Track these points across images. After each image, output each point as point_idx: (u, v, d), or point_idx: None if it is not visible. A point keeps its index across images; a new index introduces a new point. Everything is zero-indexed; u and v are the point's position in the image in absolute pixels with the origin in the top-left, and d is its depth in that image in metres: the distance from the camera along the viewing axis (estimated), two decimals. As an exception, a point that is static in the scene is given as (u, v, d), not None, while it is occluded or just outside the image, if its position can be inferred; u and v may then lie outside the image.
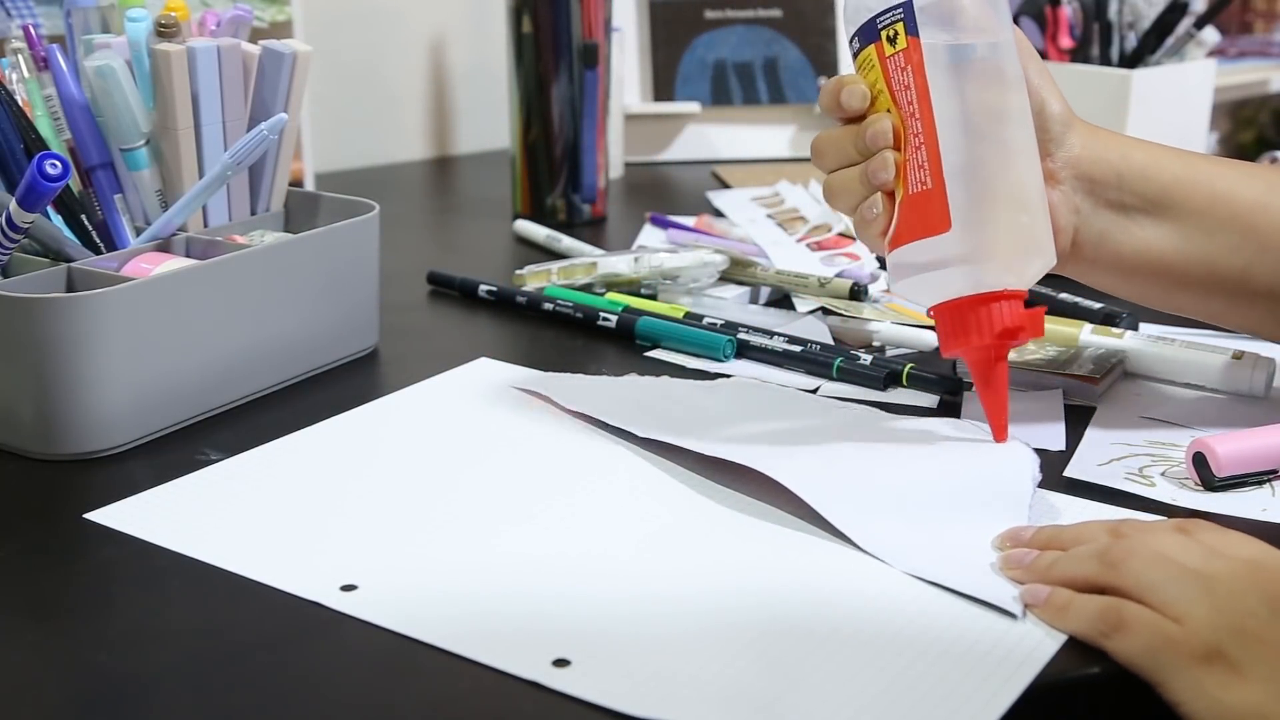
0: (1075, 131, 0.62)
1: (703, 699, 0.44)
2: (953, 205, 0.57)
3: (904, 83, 0.59)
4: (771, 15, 1.28)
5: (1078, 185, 0.62)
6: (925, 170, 0.58)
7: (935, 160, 0.58)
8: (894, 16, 0.59)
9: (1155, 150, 0.63)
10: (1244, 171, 0.63)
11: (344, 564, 0.53)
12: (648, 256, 0.84)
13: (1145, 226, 0.62)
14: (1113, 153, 0.62)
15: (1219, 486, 0.59)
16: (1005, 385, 0.59)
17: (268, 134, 0.68)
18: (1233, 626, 0.44)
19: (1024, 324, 0.58)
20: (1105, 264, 0.63)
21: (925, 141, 0.58)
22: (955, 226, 0.57)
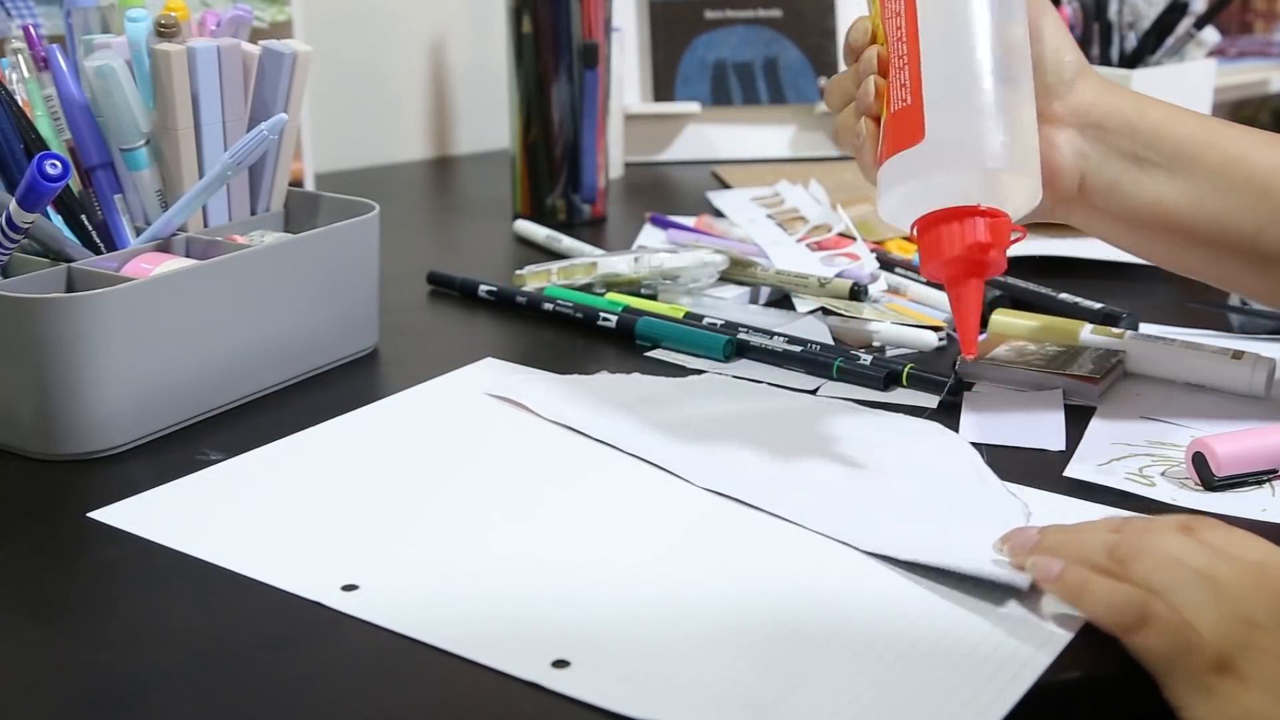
0: (1088, 80, 0.63)
1: (702, 701, 0.44)
2: (927, 116, 0.58)
3: (894, 9, 0.61)
4: (771, 15, 1.28)
5: (1087, 132, 0.63)
6: (906, 89, 0.59)
7: (915, 77, 0.59)
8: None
9: (1171, 108, 0.63)
10: (1262, 137, 0.63)
11: (345, 564, 0.53)
12: (648, 256, 0.84)
13: (1158, 180, 0.62)
14: (1127, 105, 0.63)
15: (1218, 486, 0.59)
16: (977, 303, 0.58)
17: (268, 134, 0.68)
18: (1239, 636, 0.44)
19: (992, 243, 0.57)
20: (1114, 214, 0.63)
21: (908, 61, 0.59)
22: (928, 135, 0.58)
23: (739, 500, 0.58)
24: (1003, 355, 0.73)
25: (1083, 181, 0.63)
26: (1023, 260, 0.92)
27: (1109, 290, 0.85)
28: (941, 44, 0.59)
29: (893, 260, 0.88)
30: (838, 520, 0.56)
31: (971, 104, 0.58)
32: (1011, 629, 0.48)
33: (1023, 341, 0.75)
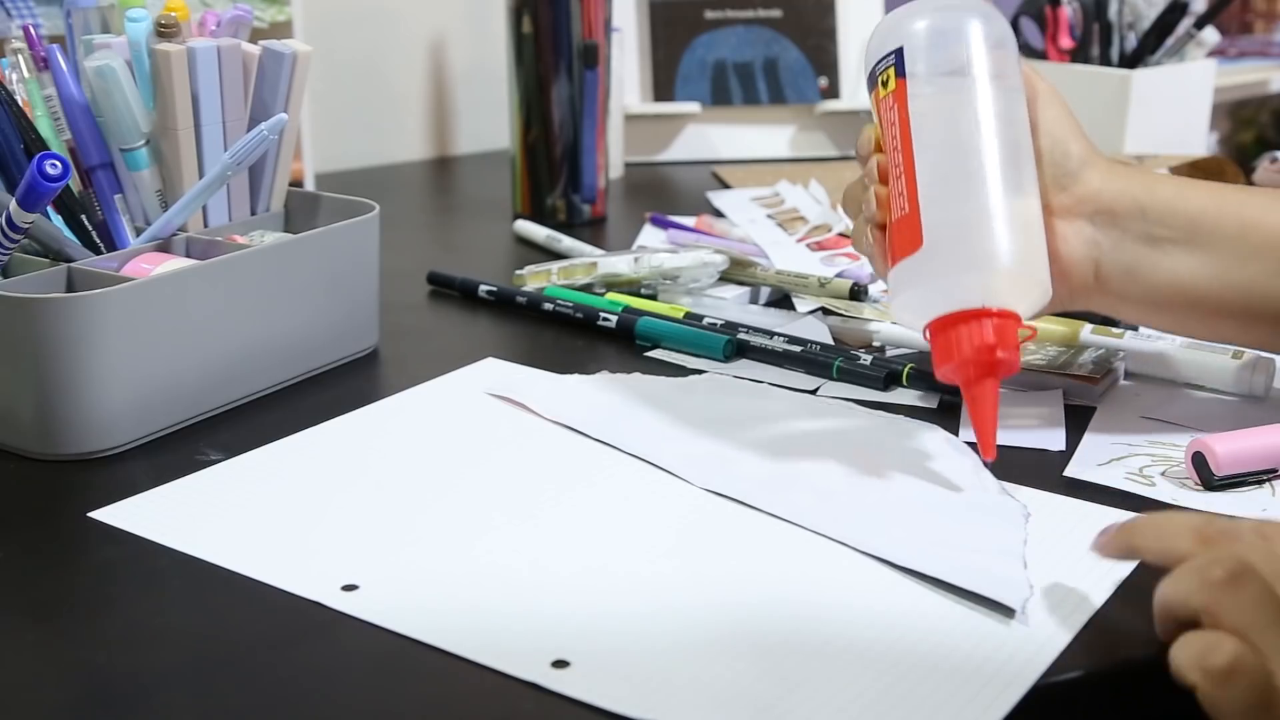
0: (1095, 168, 0.62)
1: (701, 701, 0.44)
2: (924, 222, 0.59)
3: (890, 120, 0.62)
4: (771, 15, 1.28)
5: (1099, 219, 0.62)
6: (904, 197, 0.60)
7: (911, 184, 0.60)
8: (887, 63, 0.62)
9: (1180, 182, 0.63)
10: (1271, 197, 0.62)
11: (345, 564, 0.53)
12: (648, 256, 0.84)
13: (1176, 257, 0.61)
14: (1136, 185, 0.62)
15: (1218, 486, 0.59)
16: (991, 404, 0.57)
17: (268, 134, 0.68)
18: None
19: (997, 343, 0.57)
20: (1137, 297, 0.63)
21: (904, 169, 0.60)
22: (925, 241, 0.58)
23: (738, 501, 0.58)
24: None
25: (1098, 270, 0.62)
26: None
27: (1109, 290, 0.85)
28: (933, 149, 0.60)
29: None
30: (837, 521, 0.56)
31: (965, 207, 0.59)
32: (1011, 629, 0.48)
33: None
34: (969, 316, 0.57)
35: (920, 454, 0.62)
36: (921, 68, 0.61)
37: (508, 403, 0.69)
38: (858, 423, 0.66)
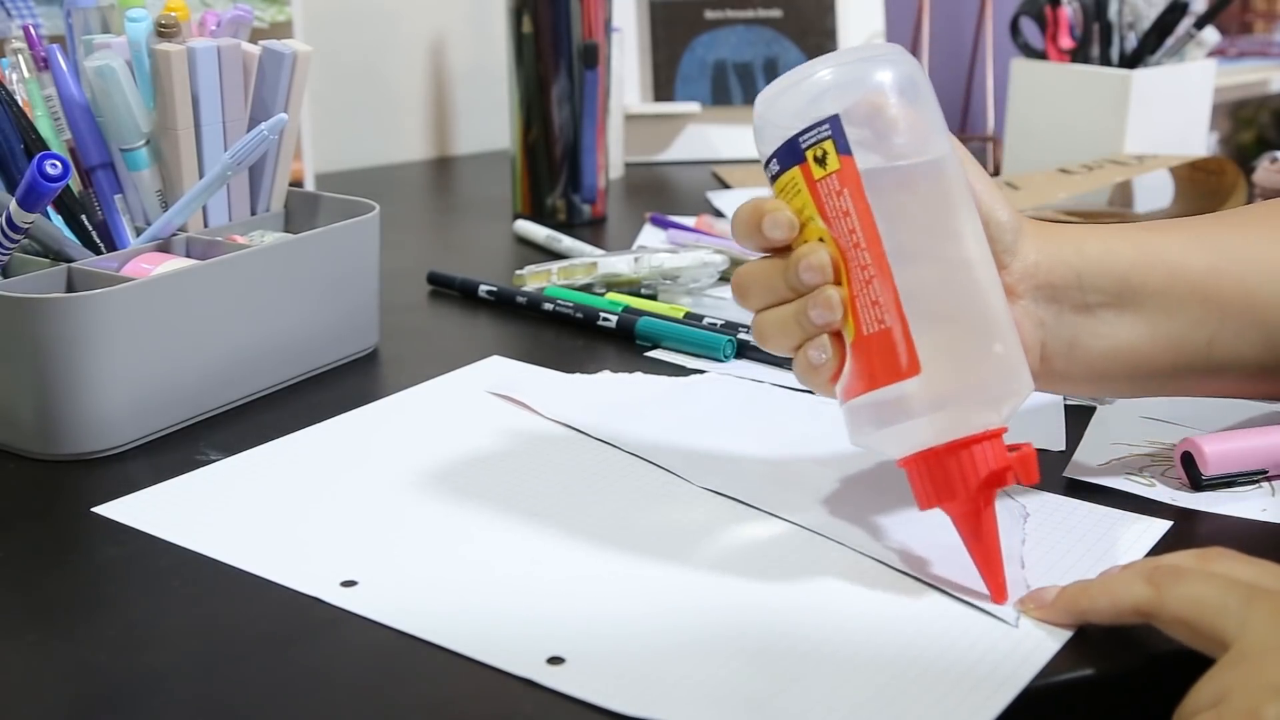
0: (1027, 237, 0.56)
1: (695, 699, 0.44)
2: (920, 345, 0.49)
3: (841, 209, 0.50)
4: (771, 15, 1.28)
5: (1039, 295, 0.57)
6: (881, 307, 0.50)
7: (892, 294, 0.50)
8: (820, 134, 0.51)
9: (1106, 236, 0.59)
10: (1192, 235, 0.60)
11: (345, 560, 0.53)
12: (648, 257, 0.84)
13: (1111, 322, 0.58)
14: (1068, 251, 0.57)
15: (1206, 486, 0.59)
16: (996, 536, 0.50)
17: (268, 134, 0.68)
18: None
19: (1010, 465, 0.50)
20: (1078, 373, 0.58)
21: (877, 274, 0.50)
22: (926, 369, 0.49)
23: (737, 500, 0.58)
24: (1003, 355, 0.72)
25: (1044, 351, 0.57)
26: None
27: (1109, 290, 0.85)
28: (917, 254, 0.50)
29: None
30: (835, 521, 0.56)
31: (967, 327, 0.51)
32: (1008, 628, 0.48)
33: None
34: (965, 444, 0.50)
35: None
36: (868, 143, 0.50)
37: (509, 401, 0.69)
38: None
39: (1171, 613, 0.45)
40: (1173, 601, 0.45)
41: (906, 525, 0.55)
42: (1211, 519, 0.57)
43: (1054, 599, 0.49)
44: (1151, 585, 0.46)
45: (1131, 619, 0.47)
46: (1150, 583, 0.46)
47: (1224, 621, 0.43)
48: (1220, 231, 0.61)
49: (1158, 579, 0.46)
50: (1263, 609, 0.43)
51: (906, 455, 0.51)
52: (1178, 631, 0.45)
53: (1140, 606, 0.46)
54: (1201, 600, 0.44)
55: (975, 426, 0.50)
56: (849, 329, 0.51)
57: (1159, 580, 0.46)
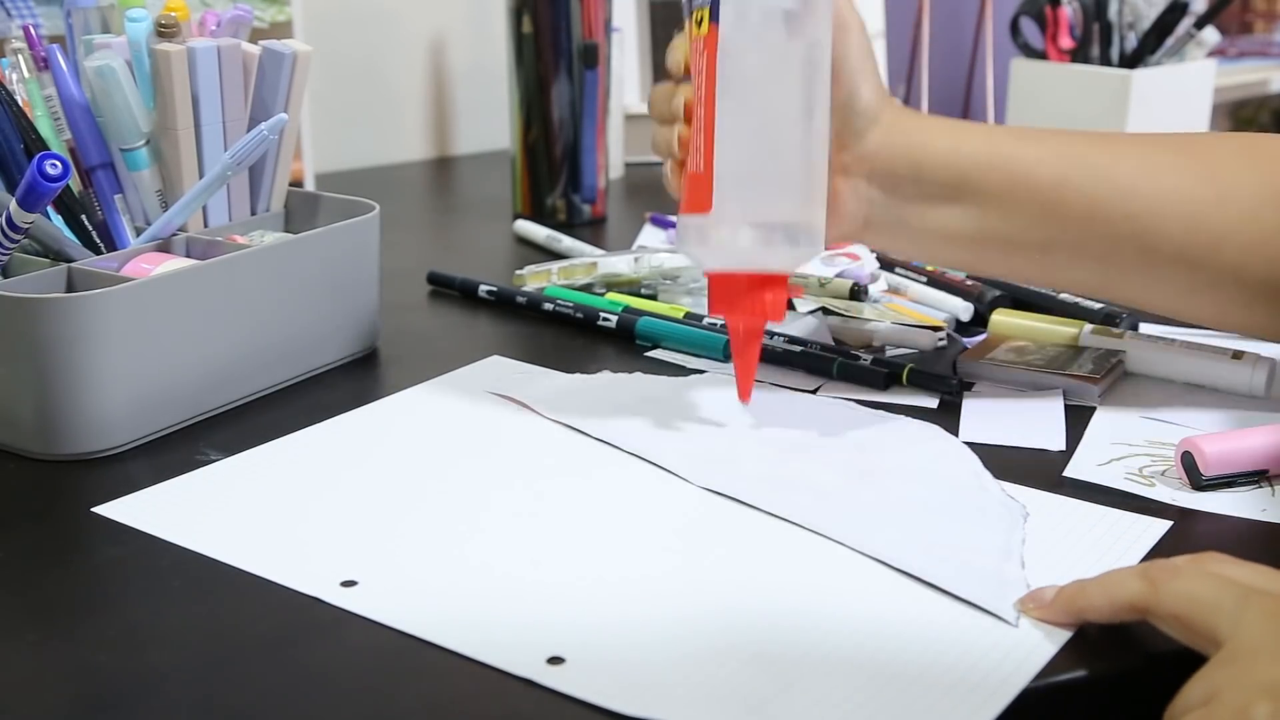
0: (878, 126, 0.63)
1: (694, 700, 0.44)
2: (716, 190, 0.59)
3: (699, 66, 0.61)
4: (771, 15, 1.28)
5: (874, 179, 0.64)
6: (700, 155, 0.60)
7: (709, 145, 0.60)
8: (703, 1, 0.60)
9: (959, 132, 0.64)
10: (1047, 148, 0.64)
11: (345, 560, 0.53)
12: (648, 257, 0.84)
13: (941, 211, 0.64)
14: (914, 142, 0.63)
15: (1206, 486, 0.59)
16: (754, 357, 0.62)
17: (268, 134, 0.68)
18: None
19: (769, 313, 0.61)
20: (903, 241, 0.66)
21: (705, 125, 0.60)
22: (714, 210, 0.59)
23: (737, 500, 0.58)
24: (1003, 355, 0.73)
25: (868, 221, 0.64)
26: (1023, 260, 0.92)
27: (1109, 290, 0.85)
28: (735, 114, 0.59)
29: (893, 260, 0.88)
30: (834, 521, 0.56)
31: (761, 185, 0.59)
32: (1007, 628, 0.48)
33: (1023, 341, 0.75)
34: (750, 281, 0.61)
35: (920, 454, 0.62)
36: (734, 16, 0.59)
37: (509, 401, 0.69)
38: (858, 422, 0.66)
39: (1167, 609, 0.45)
40: (1168, 598, 0.45)
41: (906, 526, 0.55)
42: (1211, 519, 0.57)
43: (1052, 599, 0.49)
44: (1147, 581, 0.46)
45: (1128, 616, 0.47)
46: (1146, 579, 0.46)
47: (1217, 619, 0.43)
48: (1086, 148, 0.64)
49: (1154, 575, 0.46)
50: (1256, 609, 0.43)
51: (708, 270, 0.62)
52: (1172, 628, 0.45)
53: (1136, 602, 0.46)
54: (1196, 597, 0.44)
55: (756, 266, 0.60)
56: (687, 164, 0.62)
57: (1155, 577, 0.46)
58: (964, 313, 0.80)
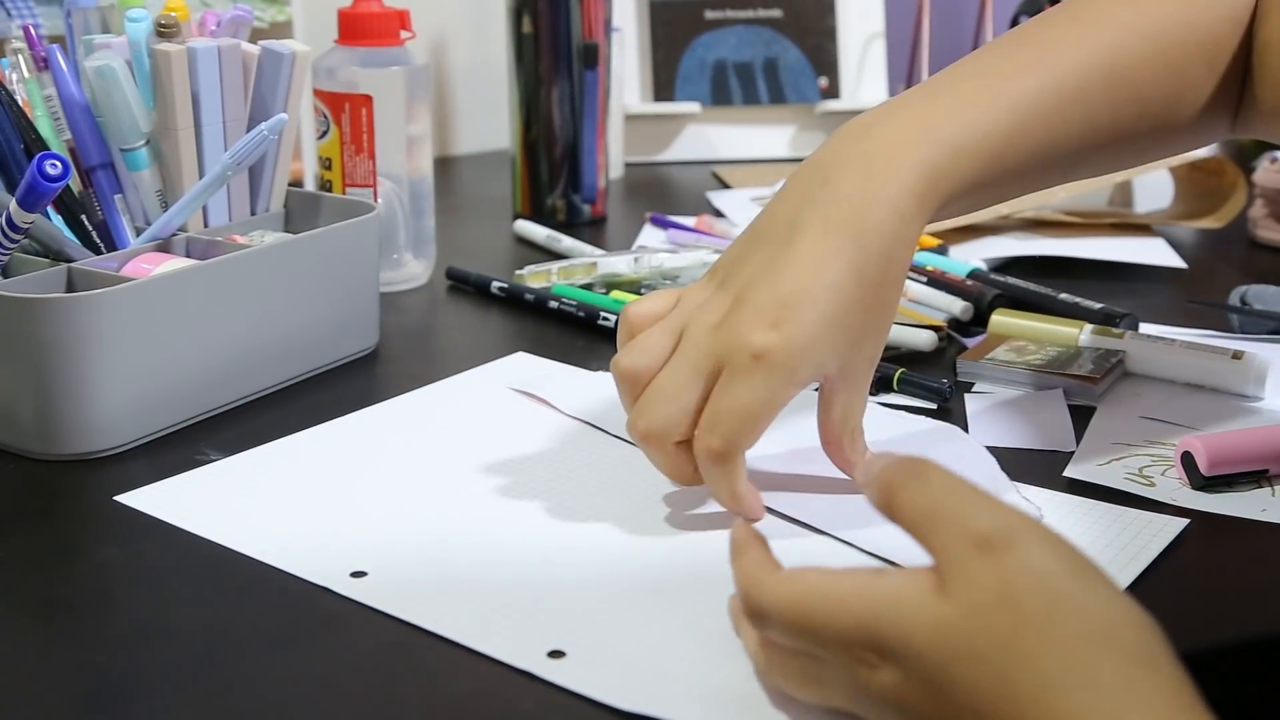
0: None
1: (694, 697, 0.44)
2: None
3: None
4: (771, 15, 1.28)
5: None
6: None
7: None
8: None
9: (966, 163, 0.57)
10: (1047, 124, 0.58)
11: (355, 552, 0.53)
12: (648, 257, 0.84)
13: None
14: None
15: (1206, 486, 0.59)
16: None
17: (268, 134, 0.68)
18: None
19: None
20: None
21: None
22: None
23: None
24: (1003, 355, 0.73)
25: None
26: (1023, 260, 0.92)
27: (1109, 290, 0.85)
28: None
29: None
30: (846, 522, 0.56)
31: None
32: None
33: (1023, 341, 0.75)
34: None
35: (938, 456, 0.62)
36: None
37: (529, 398, 0.69)
38: (875, 422, 0.66)
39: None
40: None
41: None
42: (1211, 519, 0.57)
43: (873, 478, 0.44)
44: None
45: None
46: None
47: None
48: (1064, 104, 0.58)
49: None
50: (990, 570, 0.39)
51: None
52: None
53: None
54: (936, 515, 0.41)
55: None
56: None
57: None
58: (964, 313, 0.80)
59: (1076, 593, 0.38)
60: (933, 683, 0.38)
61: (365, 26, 0.86)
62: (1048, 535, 0.39)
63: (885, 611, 0.40)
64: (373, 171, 0.84)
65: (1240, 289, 0.81)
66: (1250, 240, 1.00)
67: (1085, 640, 0.37)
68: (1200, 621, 0.51)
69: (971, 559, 0.39)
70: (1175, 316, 0.81)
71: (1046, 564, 0.38)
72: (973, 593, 0.38)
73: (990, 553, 0.39)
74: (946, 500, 0.41)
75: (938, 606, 0.39)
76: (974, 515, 0.40)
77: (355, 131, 0.83)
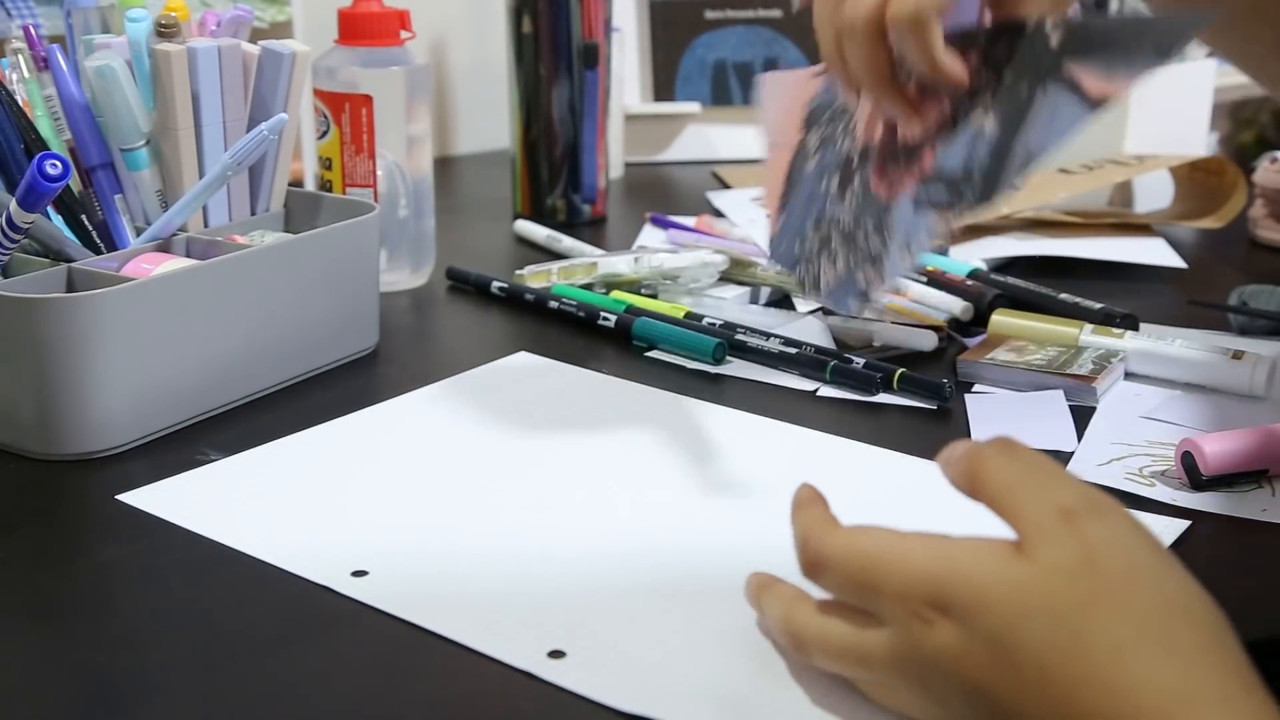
0: None
1: (694, 697, 0.44)
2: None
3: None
4: (771, 15, 1.28)
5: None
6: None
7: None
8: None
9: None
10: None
11: (356, 551, 0.54)
12: (648, 257, 0.84)
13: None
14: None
15: (1206, 486, 0.59)
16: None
17: (268, 134, 0.68)
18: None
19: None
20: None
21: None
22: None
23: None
24: (1003, 355, 0.73)
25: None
26: (1023, 260, 0.92)
27: (1109, 290, 0.85)
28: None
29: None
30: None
31: None
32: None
33: (1023, 341, 0.75)
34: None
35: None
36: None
37: (528, 396, 0.69)
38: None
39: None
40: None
41: (908, 524, 0.55)
42: (1211, 519, 0.57)
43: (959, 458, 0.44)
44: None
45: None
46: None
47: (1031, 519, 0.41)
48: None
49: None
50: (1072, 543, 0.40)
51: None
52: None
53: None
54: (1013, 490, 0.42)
55: None
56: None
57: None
58: (964, 313, 0.80)
59: (1156, 566, 0.40)
60: (1000, 641, 0.39)
61: (365, 26, 0.86)
62: (1129, 513, 0.41)
63: (960, 567, 0.40)
64: (373, 171, 0.84)
65: (1240, 289, 0.81)
66: (1250, 240, 1.00)
67: (1162, 610, 0.38)
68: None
69: (1055, 526, 0.40)
70: (1175, 316, 0.81)
71: (1130, 537, 0.40)
72: (1055, 555, 0.39)
73: (1074, 521, 0.40)
74: (1034, 474, 0.42)
75: (1017, 565, 0.40)
76: (1060, 488, 0.41)
77: (355, 131, 0.83)
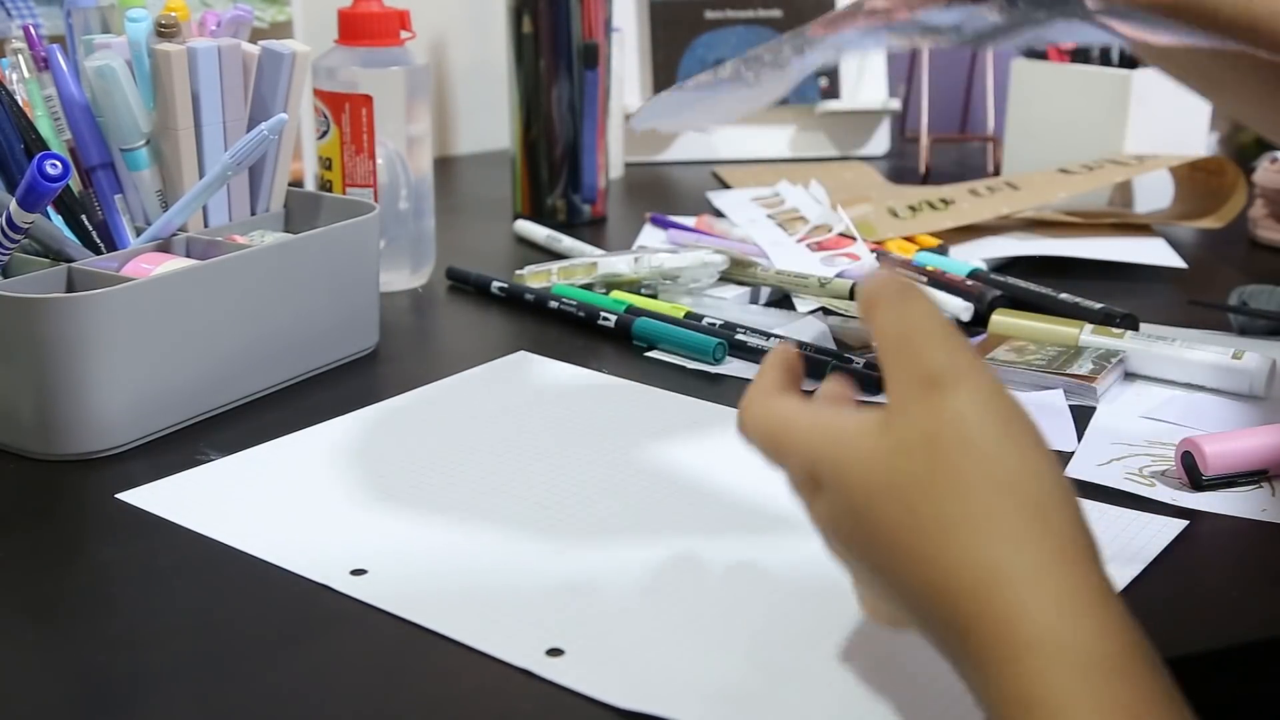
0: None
1: (691, 694, 0.44)
2: None
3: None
4: (771, 15, 1.28)
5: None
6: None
7: None
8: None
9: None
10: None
11: (354, 549, 0.54)
12: (648, 257, 0.84)
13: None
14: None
15: (1206, 486, 0.59)
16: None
17: (268, 134, 0.68)
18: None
19: None
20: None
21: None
22: None
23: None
24: (1003, 355, 0.73)
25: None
26: (1023, 260, 0.92)
27: (1109, 290, 0.85)
28: None
29: (893, 260, 0.88)
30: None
31: None
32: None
33: (1023, 341, 0.75)
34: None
35: None
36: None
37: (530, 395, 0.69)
38: None
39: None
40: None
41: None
42: (1211, 519, 0.57)
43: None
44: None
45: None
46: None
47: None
48: None
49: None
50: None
51: None
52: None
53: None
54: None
55: None
56: None
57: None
58: (964, 313, 0.80)
59: (991, 444, 0.40)
60: (857, 514, 0.40)
61: (365, 26, 0.86)
62: (986, 385, 0.41)
63: (827, 444, 0.42)
64: (373, 171, 0.84)
65: (1240, 289, 0.81)
66: (1250, 240, 1.00)
67: (988, 488, 0.39)
68: (1200, 622, 0.51)
69: (915, 398, 0.41)
70: (1175, 316, 0.81)
71: (974, 413, 0.40)
72: (904, 431, 0.40)
73: (931, 393, 0.40)
74: (914, 332, 0.42)
75: (873, 440, 0.41)
76: (933, 351, 0.41)
77: (355, 131, 0.83)
